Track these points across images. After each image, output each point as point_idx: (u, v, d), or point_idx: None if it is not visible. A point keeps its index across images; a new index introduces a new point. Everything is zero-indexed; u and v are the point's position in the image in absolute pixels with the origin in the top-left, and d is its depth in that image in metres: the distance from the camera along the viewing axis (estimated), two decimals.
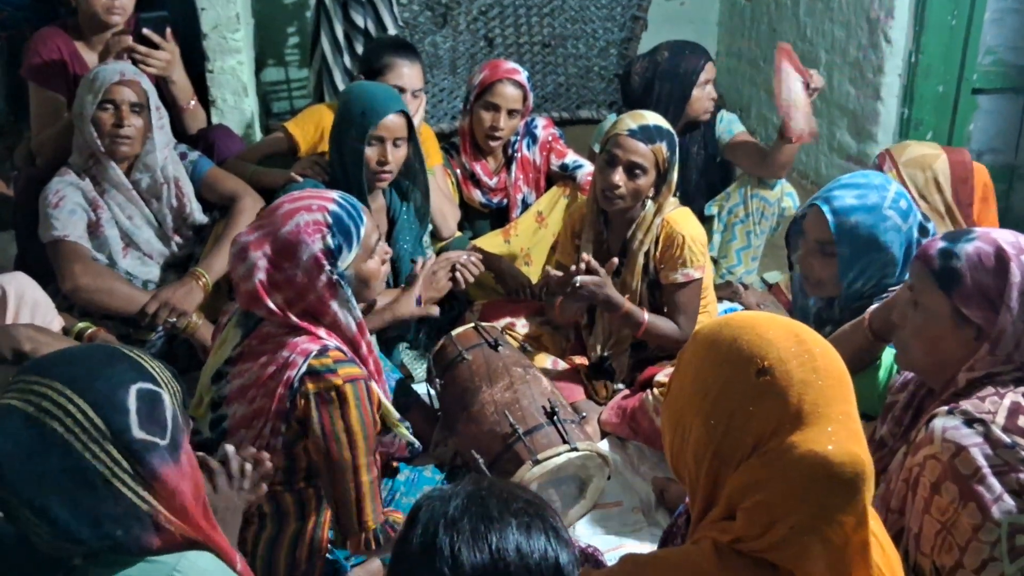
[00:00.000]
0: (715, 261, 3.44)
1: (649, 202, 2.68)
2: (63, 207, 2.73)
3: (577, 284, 2.55)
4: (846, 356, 1.91)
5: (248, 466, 1.72)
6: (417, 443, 2.10)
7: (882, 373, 2.06)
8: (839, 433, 1.24)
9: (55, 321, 2.50)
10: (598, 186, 2.69)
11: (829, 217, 2.14)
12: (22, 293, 2.44)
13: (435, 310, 2.54)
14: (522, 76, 3.21)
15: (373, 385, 1.93)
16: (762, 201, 3.37)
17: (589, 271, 2.57)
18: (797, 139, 3.14)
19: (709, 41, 5.05)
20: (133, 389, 1.29)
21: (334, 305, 1.91)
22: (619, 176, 2.61)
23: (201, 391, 2.03)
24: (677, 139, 2.69)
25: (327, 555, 2.09)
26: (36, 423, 1.23)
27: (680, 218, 2.70)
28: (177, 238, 2.94)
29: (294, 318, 1.88)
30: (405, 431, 2.03)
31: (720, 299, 3.18)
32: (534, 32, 4.88)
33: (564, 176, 3.37)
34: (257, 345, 1.92)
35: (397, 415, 2.04)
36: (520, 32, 4.86)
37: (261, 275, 1.85)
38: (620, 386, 2.83)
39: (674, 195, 2.74)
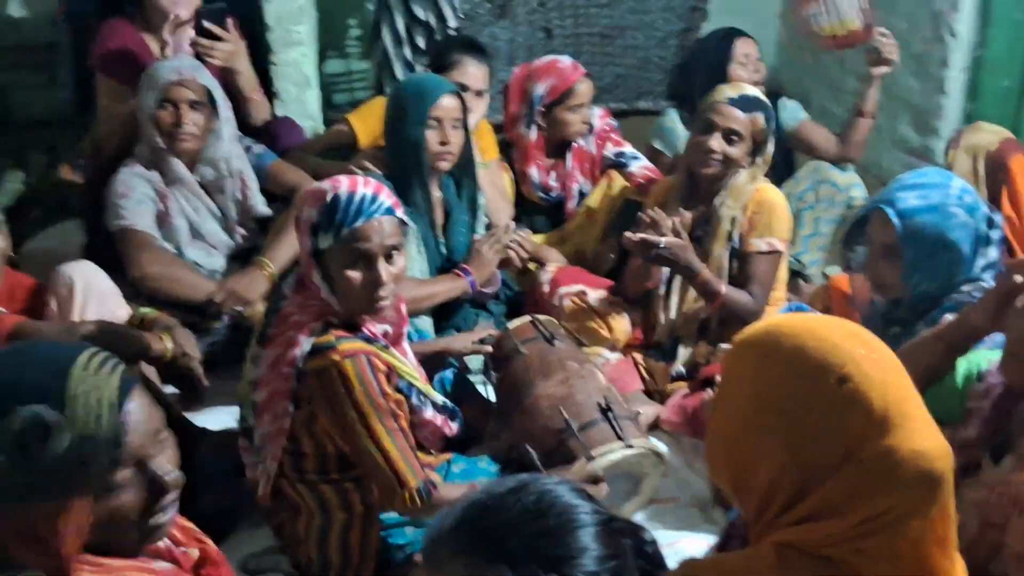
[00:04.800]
0: None
1: (742, 171, 2.71)
2: (131, 197, 2.80)
3: (661, 245, 2.56)
4: (920, 369, 1.86)
5: None
6: (450, 404, 2.12)
7: (960, 379, 2.00)
8: (924, 428, 1.22)
9: (121, 309, 2.56)
10: (691, 151, 2.73)
11: (895, 220, 2.10)
12: (88, 283, 2.49)
13: (487, 349, 2.54)
14: (579, 65, 3.25)
15: (381, 358, 1.94)
16: (832, 187, 3.35)
17: (675, 232, 2.58)
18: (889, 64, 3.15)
19: (770, 33, 4.96)
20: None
21: (315, 277, 1.93)
22: (716, 142, 2.66)
23: (245, 376, 2.08)
24: (772, 113, 2.73)
25: (382, 544, 2.12)
26: None
27: (771, 191, 2.76)
28: (241, 230, 3.00)
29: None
30: (430, 391, 2.05)
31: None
32: (592, 23, 4.87)
33: (614, 165, 3.35)
34: (278, 327, 1.97)
35: (425, 385, 2.05)
36: (579, 23, 4.85)
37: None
38: (680, 369, 2.81)
39: None
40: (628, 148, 3.39)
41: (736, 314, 2.67)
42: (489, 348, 2.57)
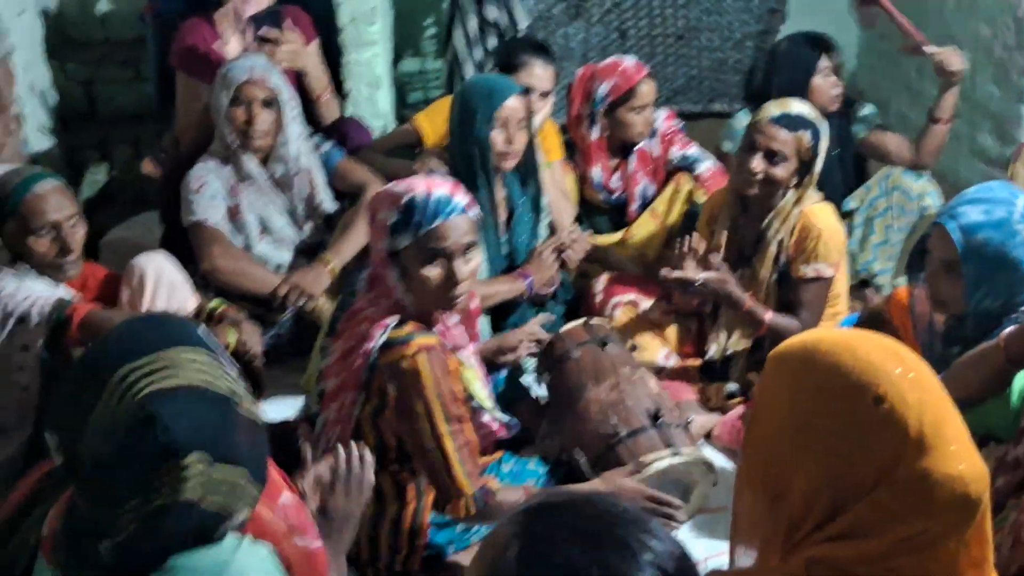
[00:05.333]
0: (852, 257, 3.36)
1: (790, 191, 2.65)
2: (204, 192, 2.89)
3: (698, 281, 2.54)
4: (977, 381, 1.80)
5: (365, 468, 1.71)
6: (509, 418, 2.13)
7: (1015, 397, 1.95)
8: (961, 451, 1.20)
9: (191, 301, 2.65)
10: (735, 171, 2.68)
11: (955, 235, 2.04)
12: (161, 273, 2.58)
13: (534, 348, 2.55)
14: (646, 67, 3.23)
15: (453, 356, 1.98)
16: (904, 194, 3.27)
17: (712, 265, 2.57)
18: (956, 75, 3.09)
19: (849, 35, 4.85)
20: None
21: (390, 278, 1.98)
22: (757, 162, 2.60)
23: (312, 366, 2.14)
24: (824, 130, 2.65)
25: (428, 539, 2.16)
26: (195, 389, 1.24)
27: (820, 212, 2.66)
28: (308, 225, 3.07)
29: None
30: (490, 405, 2.06)
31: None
32: (668, 24, 4.82)
33: (681, 168, 3.33)
34: (348, 321, 2.03)
35: (484, 397, 2.08)
36: (654, 24, 4.81)
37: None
38: (733, 386, 2.78)
39: None
40: (693, 150, 3.35)
41: (784, 339, 2.63)
42: (544, 334, 2.57)
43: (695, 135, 3.49)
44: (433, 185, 1.98)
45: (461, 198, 1.99)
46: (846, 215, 3.30)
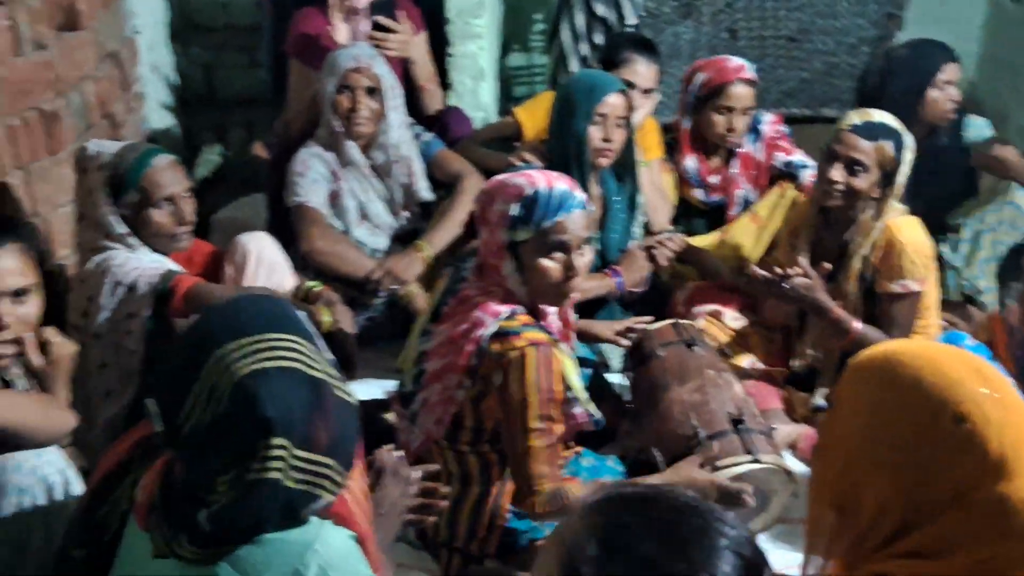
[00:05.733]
0: (957, 272, 3.24)
1: (871, 204, 2.57)
2: (307, 175, 2.97)
3: (786, 286, 2.49)
4: None
5: (416, 479, 1.73)
6: (599, 415, 2.13)
7: None
8: None
9: (289, 280, 2.73)
10: (816, 182, 2.62)
11: None
12: (262, 252, 2.68)
13: (625, 342, 2.59)
14: (750, 71, 3.13)
15: (558, 353, 2.00)
16: (1016, 209, 3.15)
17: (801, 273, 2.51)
18: None
19: (971, 45, 4.66)
20: (304, 319, 1.40)
21: (505, 268, 2.00)
22: (837, 172, 2.53)
23: (410, 347, 2.19)
24: (909, 140, 2.55)
25: (506, 524, 2.18)
26: (290, 372, 1.29)
27: (904, 225, 2.57)
28: (405, 213, 3.13)
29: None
30: (586, 400, 2.08)
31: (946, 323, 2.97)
32: (780, 25, 4.72)
33: (785, 174, 3.26)
34: (456, 306, 2.07)
35: (582, 391, 2.09)
36: (765, 25, 4.72)
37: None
38: (821, 402, 2.72)
39: (915, 202, 2.61)
40: (798, 156, 3.28)
41: None
42: (627, 342, 2.58)
43: (804, 140, 3.40)
44: (553, 180, 2.02)
45: (579, 193, 2.03)
46: (954, 228, 3.18)
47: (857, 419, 1.26)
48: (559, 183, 2.01)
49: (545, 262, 2.00)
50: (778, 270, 2.51)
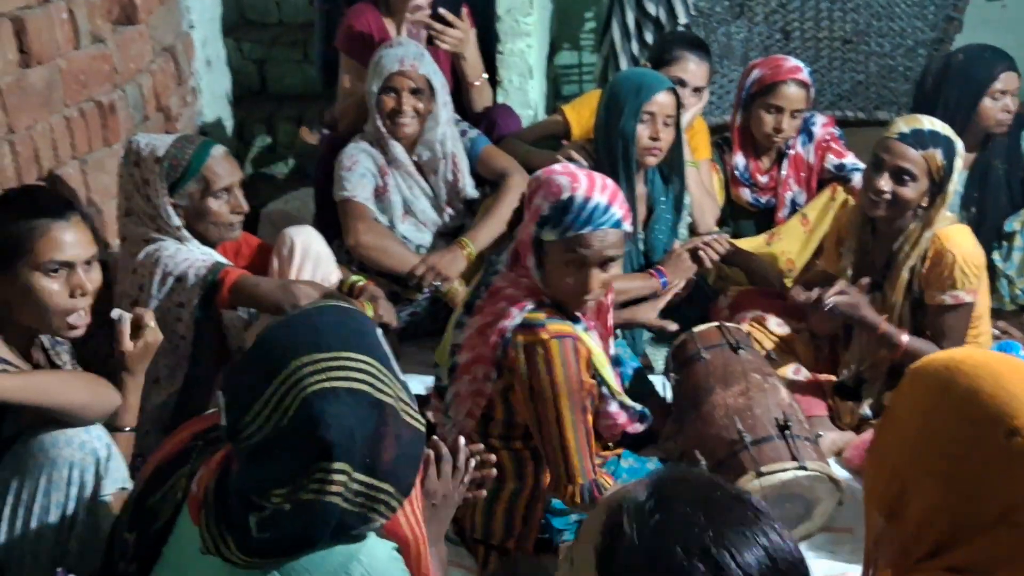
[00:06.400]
0: (1010, 281, 3.16)
1: (920, 214, 2.51)
2: (355, 170, 2.99)
3: (829, 305, 2.45)
4: None
5: (472, 462, 1.74)
6: (640, 407, 2.12)
7: None
8: None
9: (334, 274, 2.75)
10: (862, 191, 2.57)
11: None
12: (308, 245, 2.70)
13: (672, 326, 2.58)
14: (805, 74, 3.08)
15: (584, 344, 1.99)
16: None
17: (842, 291, 2.48)
18: None
19: None
20: (379, 333, 1.38)
21: (529, 261, 2.00)
22: (885, 181, 2.47)
23: (446, 341, 2.20)
24: (960, 147, 2.49)
25: (543, 521, 2.17)
26: (357, 394, 1.28)
27: (954, 235, 2.51)
28: (449, 209, 3.14)
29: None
30: (620, 393, 2.06)
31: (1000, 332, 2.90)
32: (835, 27, 4.64)
33: (837, 178, 3.20)
34: (488, 299, 2.07)
35: (615, 384, 2.08)
36: (820, 26, 4.64)
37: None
38: (867, 412, 2.67)
39: (970, 211, 2.55)
40: (850, 159, 3.22)
41: None
42: (673, 325, 2.55)
43: (857, 143, 3.34)
44: (595, 189, 1.97)
45: (618, 210, 1.98)
46: (1007, 236, 3.10)
47: (911, 424, 1.24)
48: (600, 196, 1.96)
49: (563, 270, 1.98)
50: (815, 293, 2.47)
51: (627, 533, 0.99)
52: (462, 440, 1.74)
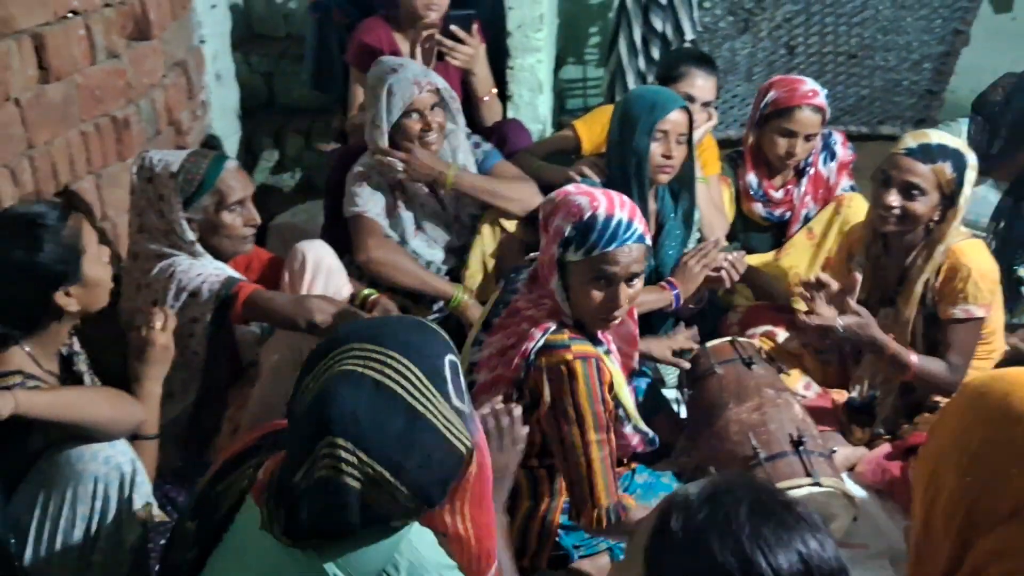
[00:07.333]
0: None
1: (933, 229, 2.52)
2: (366, 186, 2.99)
3: (839, 329, 2.46)
4: None
5: (517, 426, 1.80)
6: (652, 433, 2.12)
7: None
8: None
9: (345, 288, 2.75)
10: (872, 206, 2.58)
11: None
12: (319, 260, 2.70)
13: (685, 365, 2.57)
14: (821, 98, 3.06)
15: (607, 364, 1.99)
16: None
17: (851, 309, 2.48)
18: None
19: None
20: (446, 360, 1.37)
21: (552, 283, 2.00)
22: (894, 197, 2.48)
23: (463, 358, 2.20)
24: (971, 160, 2.49)
25: (556, 539, 2.17)
26: (384, 388, 1.29)
27: (969, 249, 2.51)
28: (458, 224, 3.13)
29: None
30: (636, 417, 2.06)
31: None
32: (840, 42, 4.67)
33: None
34: (507, 317, 2.07)
35: (632, 408, 2.08)
36: (825, 41, 4.67)
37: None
38: (880, 430, 2.67)
39: (999, 223, 2.55)
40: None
41: (931, 384, 2.52)
42: (686, 364, 2.56)
43: (862, 157, 3.35)
44: (615, 207, 1.97)
45: (639, 225, 1.99)
46: None
47: (947, 430, 1.28)
48: (621, 212, 1.97)
49: (589, 289, 1.98)
50: (822, 321, 2.48)
51: (674, 528, 1.03)
52: (498, 404, 1.80)
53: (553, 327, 1.99)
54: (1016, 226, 3.09)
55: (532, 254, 2.31)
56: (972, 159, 2.50)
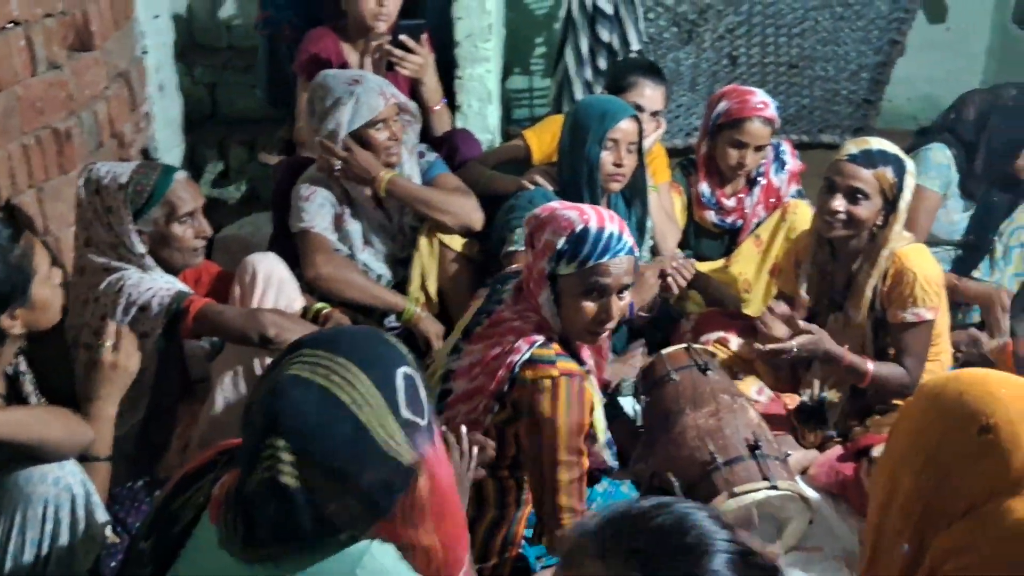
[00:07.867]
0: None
1: (877, 234, 2.58)
2: (313, 200, 2.93)
3: (793, 351, 2.52)
4: None
5: (475, 448, 1.82)
6: (614, 464, 2.13)
7: None
8: None
9: (298, 301, 2.72)
10: (817, 213, 2.63)
11: None
12: (270, 272, 2.66)
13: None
14: (771, 110, 3.10)
15: (589, 386, 1.99)
16: None
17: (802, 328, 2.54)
18: None
19: (975, 73, 4.70)
20: (399, 372, 1.35)
21: (542, 297, 1.99)
22: (839, 202, 2.54)
23: (437, 364, 2.18)
24: (910, 165, 2.56)
25: (520, 551, 2.17)
26: (329, 394, 1.29)
27: (913, 254, 2.58)
28: (402, 236, 3.09)
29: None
30: (605, 447, 2.07)
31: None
32: (781, 52, 4.75)
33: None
34: (489, 327, 2.05)
35: (606, 433, 2.08)
36: (766, 52, 4.76)
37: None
38: (831, 432, 2.72)
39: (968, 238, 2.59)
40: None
41: (888, 388, 2.58)
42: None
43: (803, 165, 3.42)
44: (605, 220, 1.98)
45: (628, 238, 2.00)
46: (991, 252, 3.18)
47: (904, 431, 1.31)
48: (611, 225, 1.98)
49: (582, 301, 1.98)
50: (777, 345, 2.54)
51: None
52: (463, 428, 1.82)
53: (540, 340, 1.98)
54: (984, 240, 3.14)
55: (515, 266, 2.30)
56: (911, 165, 2.57)
